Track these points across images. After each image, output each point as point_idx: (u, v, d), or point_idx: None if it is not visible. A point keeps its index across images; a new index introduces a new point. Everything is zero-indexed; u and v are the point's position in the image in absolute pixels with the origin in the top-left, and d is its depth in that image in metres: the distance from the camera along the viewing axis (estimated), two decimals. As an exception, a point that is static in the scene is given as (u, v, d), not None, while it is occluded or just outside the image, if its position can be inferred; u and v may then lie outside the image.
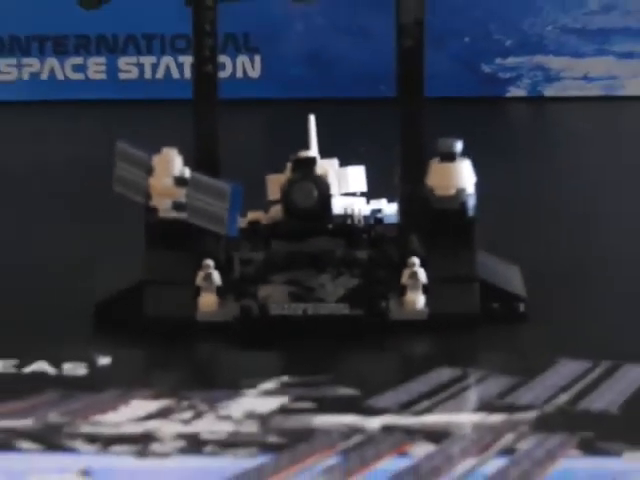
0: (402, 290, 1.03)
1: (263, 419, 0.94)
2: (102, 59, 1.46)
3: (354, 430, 0.93)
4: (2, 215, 1.23)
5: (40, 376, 0.98)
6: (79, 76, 1.47)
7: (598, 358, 0.99)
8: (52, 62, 1.44)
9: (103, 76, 1.46)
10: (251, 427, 0.93)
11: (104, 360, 0.98)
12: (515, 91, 1.31)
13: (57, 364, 0.98)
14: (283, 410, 0.95)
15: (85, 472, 0.87)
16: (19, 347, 1.02)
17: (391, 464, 0.88)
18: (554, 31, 1.31)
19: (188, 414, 0.94)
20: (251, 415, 0.94)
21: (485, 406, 0.96)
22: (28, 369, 0.99)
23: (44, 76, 1.44)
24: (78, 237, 1.12)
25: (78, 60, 1.47)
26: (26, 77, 1.40)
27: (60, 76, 1.46)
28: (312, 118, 1.03)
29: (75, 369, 0.98)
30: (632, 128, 1.29)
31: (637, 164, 1.26)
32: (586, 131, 1.27)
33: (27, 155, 1.29)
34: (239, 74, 1.29)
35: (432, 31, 1.04)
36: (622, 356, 1.00)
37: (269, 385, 0.96)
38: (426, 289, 1.03)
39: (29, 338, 1.03)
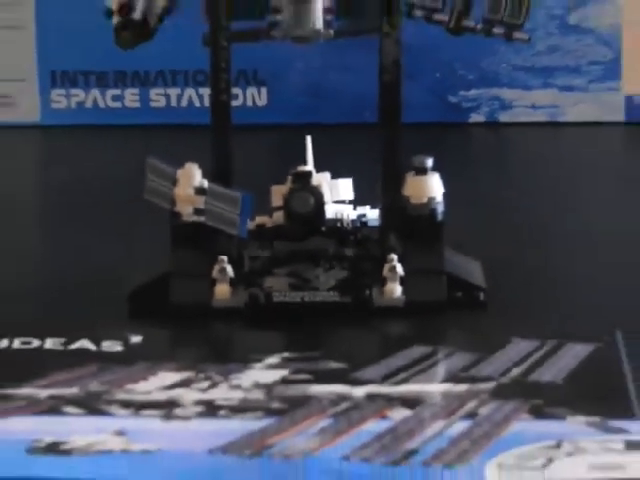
0: (383, 281, 1.03)
1: (267, 388, 0.94)
2: (136, 90, 1.46)
3: (342, 398, 0.93)
4: (56, 221, 1.23)
5: (83, 352, 0.98)
6: (117, 104, 1.45)
7: (545, 338, 0.98)
8: (95, 93, 1.41)
9: (137, 104, 1.43)
10: (257, 395, 0.93)
11: (136, 339, 0.98)
12: (476, 117, 1.30)
13: (97, 342, 0.98)
14: (284, 381, 0.95)
15: (120, 432, 0.87)
16: (66, 328, 1.01)
17: (374, 426, 0.89)
18: (507, 68, 1.30)
19: (205, 384, 0.94)
20: (257, 385, 0.94)
21: (452, 378, 0.95)
22: (73, 346, 0.99)
23: (88, 104, 1.40)
24: (115, 238, 1.11)
25: (116, 91, 1.46)
26: (73, 105, 1.37)
27: (102, 104, 1.43)
28: (309, 139, 1.03)
29: (112, 346, 0.98)
30: (571, 148, 1.28)
31: (574, 176, 1.24)
32: (534, 149, 1.25)
33: (74, 170, 1.27)
34: (249, 103, 1.29)
35: (408, 68, 1.02)
36: (565, 336, 0.99)
37: (272, 360, 0.97)
38: (402, 280, 1.02)
39: (74, 321, 1.02)
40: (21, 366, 0.96)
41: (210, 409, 0.91)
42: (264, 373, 0.95)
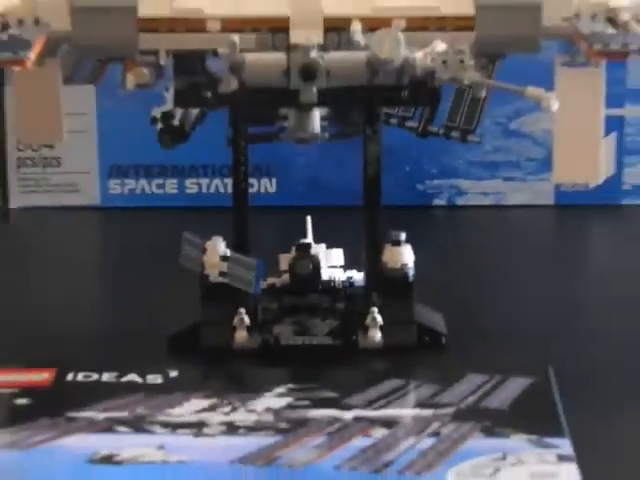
0: (366, 329, 1.02)
1: (276, 412, 0.93)
2: (175, 180, 1.43)
3: (335, 419, 0.93)
4: (112, 281, 1.23)
5: (132, 384, 0.98)
6: (160, 191, 1.42)
7: (493, 373, 0.97)
8: (143, 182, 1.38)
9: (175, 191, 1.41)
10: (268, 417, 0.93)
11: (173, 373, 0.98)
12: (438, 201, 1.28)
13: (143, 376, 0.98)
14: (289, 406, 0.94)
15: (160, 446, 0.88)
16: (119, 365, 0.99)
17: (359, 442, 0.90)
18: (463, 163, 1.29)
19: (227, 409, 0.94)
20: (268, 409, 0.94)
21: (420, 404, 0.95)
22: (124, 379, 0.99)
23: (138, 191, 1.39)
24: (157, 294, 1.11)
25: (159, 181, 1.43)
26: (126, 192, 1.37)
27: (148, 191, 1.42)
28: (309, 218, 1.04)
29: (154, 379, 0.98)
30: (512, 225, 1.27)
31: (518, 248, 1.23)
32: (483, 226, 1.25)
33: (125, 242, 1.27)
34: (262, 190, 1.28)
35: (385, 163, 1.01)
36: (508, 372, 0.97)
37: (280, 390, 0.97)
38: (382, 328, 1.01)
39: (126, 359, 0.99)
40: (83, 394, 0.95)
41: (231, 428, 0.90)
42: (273, 400, 0.94)
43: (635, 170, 1.22)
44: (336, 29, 1.00)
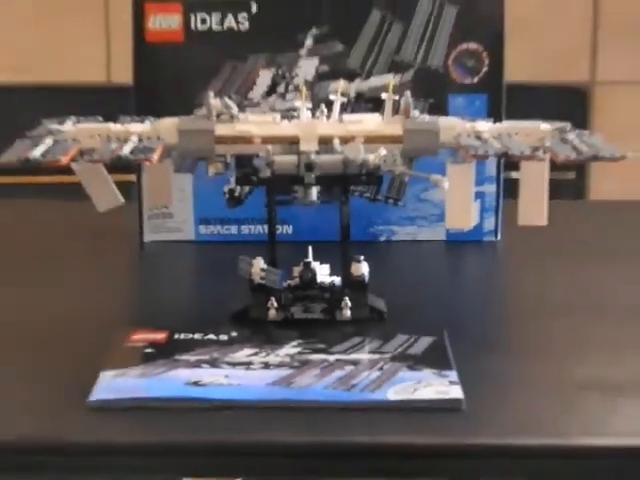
0: (341, 309, 0.99)
1: (291, 356, 0.90)
2: (235, 226, 1.28)
3: (324, 360, 0.90)
4: (206, 283, 1.24)
5: (211, 340, 0.95)
6: (227, 232, 1.28)
7: (412, 334, 0.96)
8: (218, 227, 1.27)
9: (236, 232, 1.27)
10: (287, 359, 0.90)
11: (234, 334, 0.96)
12: (381, 238, 1.24)
13: (217, 335, 0.96)
14: (299, 353, 0.91)
15: (226, 376, 0.87)
16: (204, 329, 0.98)
17: (337, 373, 0.87)
18: (395, 217, 1.27)
19: (264, 354, 0.91)
20: (287, 354, 0.91)
21: (371, 351, 0.91)
22: (206, 337, 0.96)
23: (215, 232, 1.28)
24: (227, 292, 1.08)
25: (228, 226, 1.28)
26: (209, 232, 1.28)
27: (221, 232, 1.28)
28: (310, 247, 1.01)
29: (223, 337, 0.96)
30: (423, 251, 1.26)
31: (426, 263, 1.24)
32: (406, 251, 1.23)
33: (211, 265, 1.26)
34: (283, 232, 1.20)
35: (352, 216, 1.00)
36: (421, 333, 0.97)
37: (294, 343, 0.93)
38: (350, 309, 0.99)
39: (208, 326, 0.99)
40: (183, 346, 0.93)
41: (266, 365, 0.88)
42: (290, 349, 0.91)
43: (489, 221, 1.19)
44: (325, 142, 0.98)
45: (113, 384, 0.85)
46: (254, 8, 1.17)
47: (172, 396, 0.82)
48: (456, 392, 0.82)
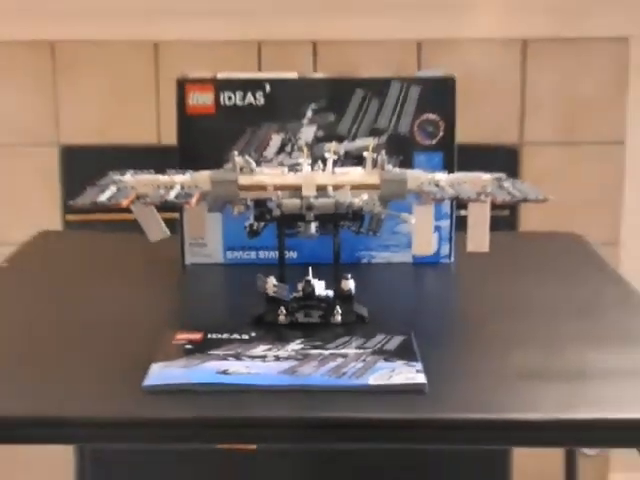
0: (334, 315, 0.97)
1: (296, 351, 0.89)
2: (254, 252, 1.25)
3: (321, 354, 0.89)
4: (225, 294, 1.23)
5: (235, 338, 0.94)
6: (247, 257, 1.25)
7: (387, 334, 0.94)
8: (240, 252, 1.24)
9: (255, 257, 1.25)
10: (293, 353, 0.89)
11: (252, 334, 0.94)
12: (364, 261, 1.22)
13: (240, 335, 0.95)
14: (302, 349, 0.90)
15: (247, 367, 0.86)
16: (230, 330, 0.97)
17: (331, 364, 0.86)
18: (374, 245, 1.22)
19: (276, 349, 0.90)
20: (293, 350, 0.90)
21: (357, 347, 0.90)
22: (232, 336, 0.95)
23: (238, 257, 1.24)
24: (248, 301, 1.04)
25: (248, 252, 1.24)
26: (233, 257, 1.25)
27: (243, 257, 1.25)
28: (310, 268, 0.99)
29: (244, 336, 0.95)
30: (394, 272, 1.25)
31: (395, 280, 1.23)
32: (382, 272, 1.22)
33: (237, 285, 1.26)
34: (290, 256, 1.16)
35: (342, 245, 1.01)
36: (394, 333, 0.96)
37: (298, 340, 0.92)
38: (340, 315, 0.98)
39: (234, 328, 0.98)
40: (215, 343, 0.92)
41: (277, 358, 0.87)
42: (295, 345, 0.90)
43: (445, 248, 1.21)
44: (321, 189, 0.98)
45: (162, 373, 0.84)
46: (268, 88, 1.18)
47: (206, 382, 0.82)
48: (421, 378, 0.82)
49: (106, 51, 1.68)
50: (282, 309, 0.97)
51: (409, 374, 0.84)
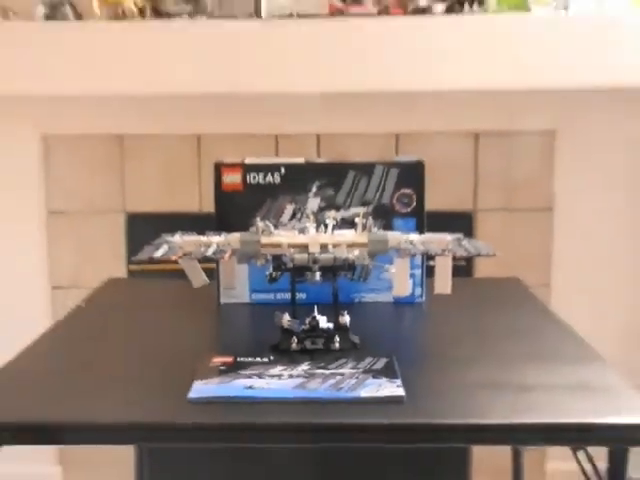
0: (334, 342, 0.96)
1: (305, 370, 0.88)
2: (273, 294, 1.21)
3: (323, 374, 0.87)
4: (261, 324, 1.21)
5: (258, 362, 0.92)
6: (266, 298, 1.21)
7: (374, 357, 0.93)
8: (263, 295, 1.20)
9: (273, 298, 1.20)
10: (302, 372, 0.87)
11: (271, 358, 0.93)
12: (356, 300, 1.19)
13: (262, 358, 0.93)
14: (309, 369, 0.89)
15: (267, 383, 0.85)
16: (255, 354, 0.95)
17: (331, 381, 0.85)
18: (364, 288, 1.19)
19: (289, 369, 0.89)
20: (303, 369, 0.88)
21: (351, 368, 0.89)
22: (255, 359, 0.93)
23: (260, 298, 1.22)
24: (267, 333, 1.00)
25: (267, 293, 1.20)
26: (256, 298, 1.22)
27: (264, 298, 1.21)
28: (315, 306, 0.97)
29: (265, 360, 0.93)
30: (379, 309, 1.21)
31: (380, 314, 1.18)
32: (370, 308, 1.20)
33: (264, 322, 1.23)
34: (299, 297, 1.08)
35: (340, 289, 0.98)
36: (380, 357, 0.94)
37: (306, 363, 0.91)
38: (338, 342, 0.96)
39: (257, 353, 0.96)
40: (243, 365, 0.91)
41: (290, 376, 0.86)
42: (304, 367, 0.89)
43: (418, 290, 1.19)
44: (323, 247, 0.97)
45: (202, 388, 0.84)
46: (283, 170, 1.18)
47: (236, 395, 0.82)
48: (400, 392, 0.82)
49: (162, 142, 1.69)
50: (294, 338, 0.96)
51: (391, 388, 0.83)
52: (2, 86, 1.42)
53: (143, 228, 1.68)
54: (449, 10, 1.48)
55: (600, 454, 0.76)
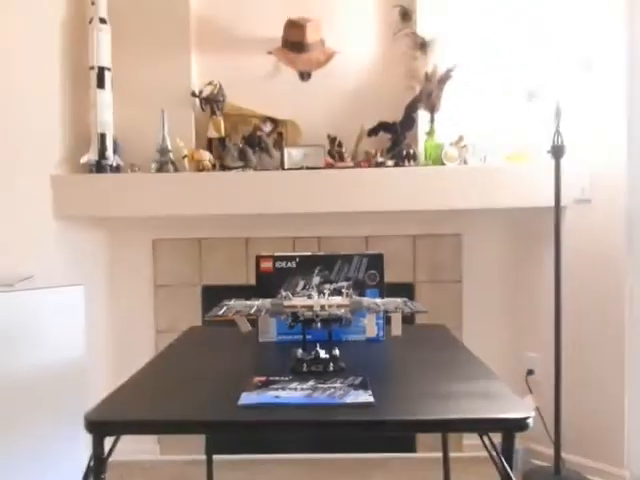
0: (329, 367, 0.93)
1: (310, 386, 0.85)
2: (290, 336, 1.14)
3: (323, 387, 0.84)
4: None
5: (280, 380, 0.89)
6: (283, 338, 1.15)
7: (355, 376, 0.88)
8: (283, 336, 1.15)
9: (289, 338, 1.15)
10: (309, 386, 0.85)
11: (290, 377, 0.88)
12: (352, 340, 1.13)
13: (282, 377, 0.88)
14: (314, 384, 0.86)
15: (287, 395, 0.80)
16: (277, 374, 0.90)
17: (328, 392, 0.81)
18: (357, 333, 1.14)
19: (301, 384, 0.85)
20: (310, 385, 0.85)
21: (340, 383, 0.86)
22: (276, 378, 0.88)
23: (280, 338, 1.15)
24: (284, 361, 0.94)
25: (286, 334, 1.15)
26: (277, 338, 1.15)
27: (281, 339, 1.15)
28: (318, 344, 0.92)
29: (283, 378, 0.89)
30: (368, 346, 1.14)
31: (365, 347, 1.10)
32: (362, 347, 1.12)
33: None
34: (307, 337, 1.04)
35: (336, 333, 0.95)
36: (359, 376, 0.88)
37: (312, 380, 0.87)
38: (332, 366, 0.93)
39: (279, 373, 0.90)
40: (272, 383, 0.88)
41: (302, 390, 0.83)
42: (310, 383, 0.86)
43: (380, 333, 1.11)
44: (322, 307, 0.92)
45: (247, 397, 0.83)
46: (297, 259, 1.17)
47: (268, 402, 0.81)
48: (371, 399, 0.80)
49: (224, 242, 1.63)
50: (304, 365, 0.94)
51: (365, 397, 0.82)
52: (131, 210, 1.48)
53: (212, 295, 1.66)
54: (396, 164, 1.51)
55: (497, 436, 0.75)
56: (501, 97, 1.43)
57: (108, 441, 0.74)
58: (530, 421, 0.68)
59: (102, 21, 1.36)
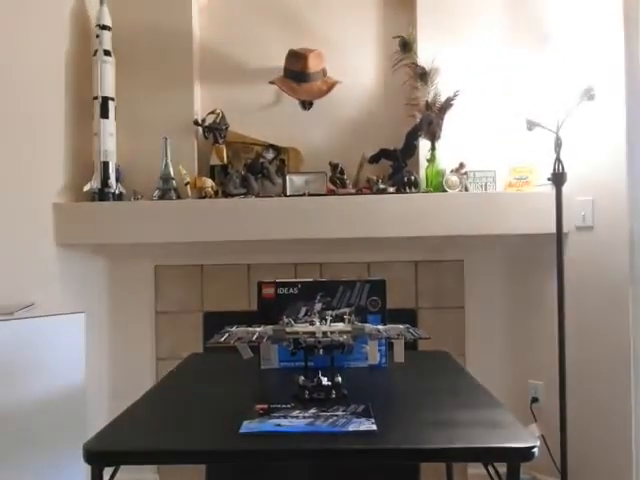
0: (332, 393, 0.92)
1: (313, 413, 0.85)
2: (294, 362, 1.14)
3: (326, 415, 0.85)
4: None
5: (284, 407, 0.88)
6: (287, 365, 1.15)
7: (356, 404, 0.88)
8: (286, 363, 1.15)
9: (294, 365, 1.12)
10: (312, 414, 0.84)
11: (292, 405, 0.87)
12: (354, 366, 1.12)
13: (287, 405, 0.85)
14: (316, 412, 0.86)
15: (290, 422, 0.80)
16: (282, 401, 0.90)
17: (330, 420, 0.81)
18: (357, 359, 1.13)
19: (304, 412, 0.85)
20: (312, 413, 0.85)
21: (340, 410, 0.85)
22: (281, 406, 0.88)
23: (283, 364, 1.14)
24: (289, 387, 0.93)
25: (290, 361, 1.14)
26: (279, 365, 1.15)
27: (284, 365, 1.14)
28: (320, 371, 0.92)
29: (288, 405, 0.88)
30: (368, 371, 1.13)
31: (363, 371, 1.10)
32: (361, 372, 1.11)
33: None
34: (309, 364, 1.01)
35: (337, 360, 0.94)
36: (360, 403, 0.88)
37: (314, 408, 0.87)
38: (334, 392, 0.92)
39: (284, 400, 0.90)
40: (273, 410, 0.87)
41: (305, 418, 0.83)
42: (313, 410, 0.86)
43: (384, 359, 1.11)
44: (324, 333, 0.93)
45: (248, 425, 0.82)
46: (299, 286, 1.18)
47: (269, 430, 0.80)
48: (374, 427, 0.81)
49: (226, 268, 1.60)
50: (306, 391, 0.94)
51: (368, 425, 0.82)
52: (133, 237, 1.43)
53: (213, 321, 1.64)
54: (397, 191, 1.46)
55: (502, 465, 0.75)
56: (502, 125, 1.42)
57: (107, 471, 0.74)
58: (535, 451, 0.68)
59: (106, 53, 1.35)
